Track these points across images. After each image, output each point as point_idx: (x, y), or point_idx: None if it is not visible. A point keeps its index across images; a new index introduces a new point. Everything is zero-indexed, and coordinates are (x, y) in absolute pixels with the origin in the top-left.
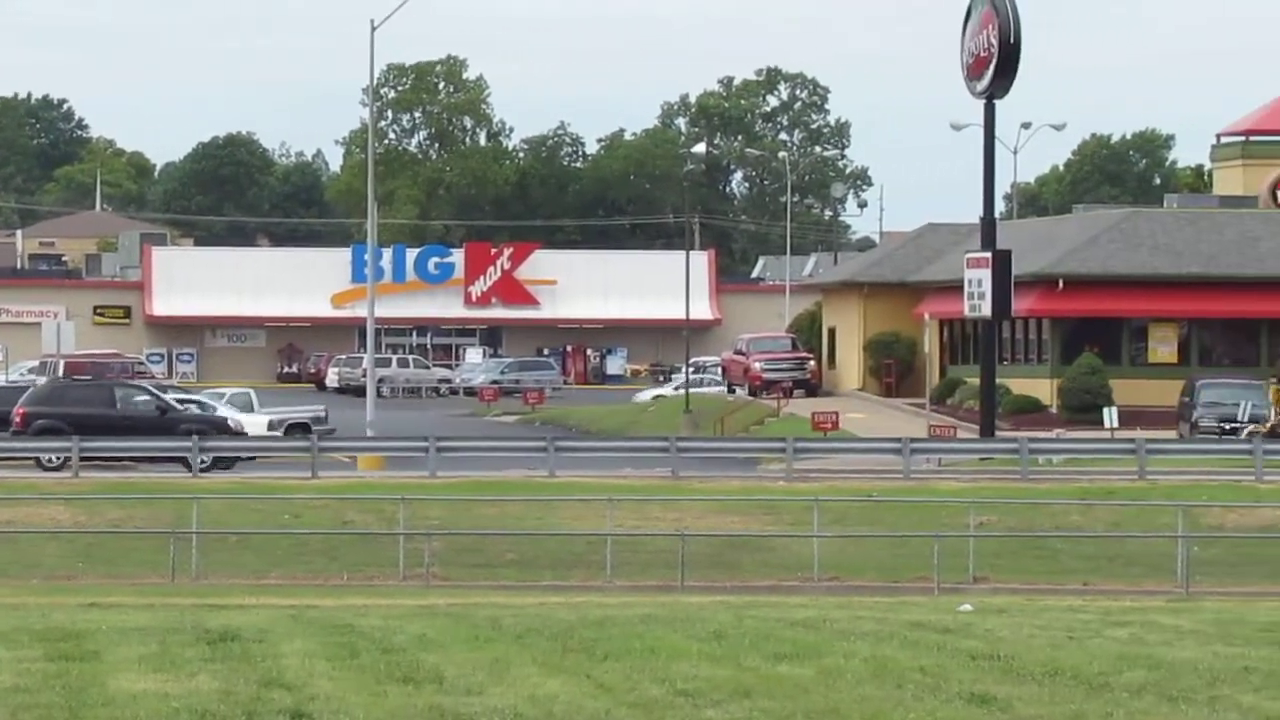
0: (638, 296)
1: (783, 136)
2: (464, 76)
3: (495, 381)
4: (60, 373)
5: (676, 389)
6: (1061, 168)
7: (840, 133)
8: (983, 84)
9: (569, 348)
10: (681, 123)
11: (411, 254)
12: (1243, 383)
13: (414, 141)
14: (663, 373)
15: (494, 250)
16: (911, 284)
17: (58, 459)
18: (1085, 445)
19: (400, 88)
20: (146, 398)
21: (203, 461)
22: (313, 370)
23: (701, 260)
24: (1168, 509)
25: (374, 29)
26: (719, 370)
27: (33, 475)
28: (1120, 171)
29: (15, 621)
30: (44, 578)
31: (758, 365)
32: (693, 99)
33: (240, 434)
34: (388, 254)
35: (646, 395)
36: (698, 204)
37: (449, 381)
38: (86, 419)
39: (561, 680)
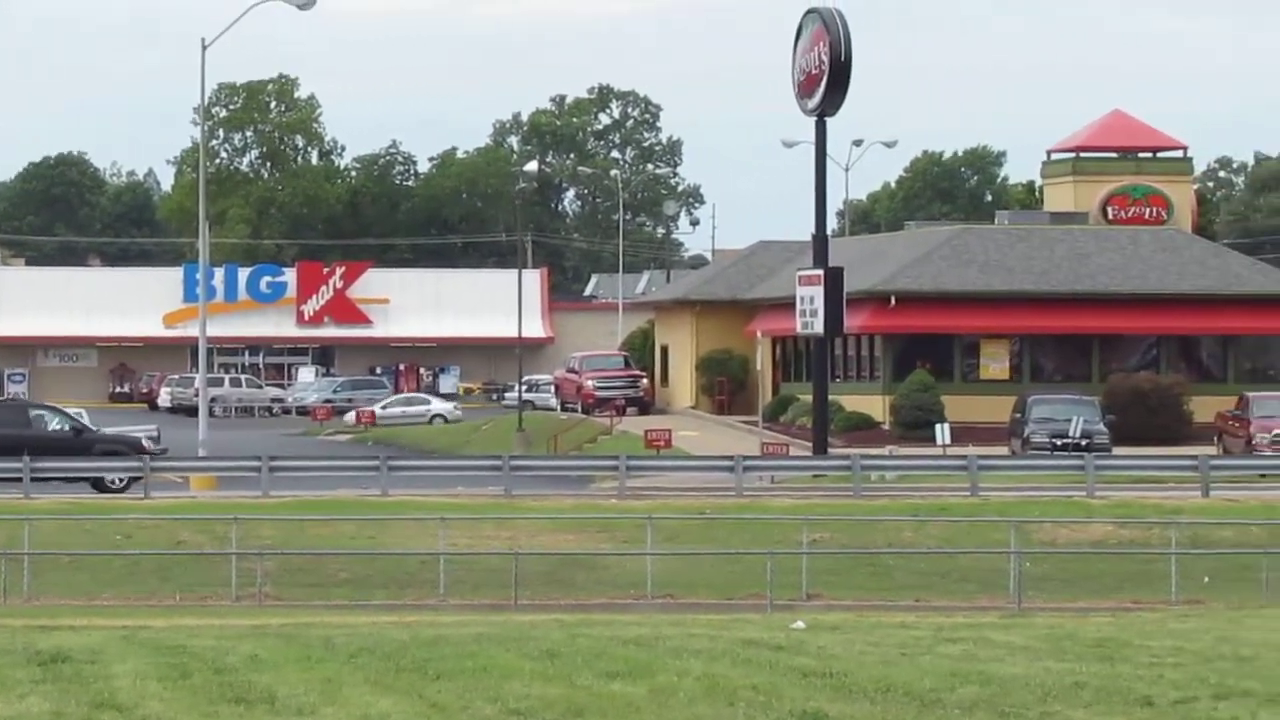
0: (470, 315)
1: (615, 154)
2: (295, 95)
3: (328, 400)
4: None
5: (455, 408)
6: (893, 185)
7: (672, 150)
8: (814, 101)
9: (402, 366)
10: (514, 141)
11: (244, 273)
12: (1074, 398)
13: (245, 160)
14: (496, 391)
15: (326, 269)
16: (744, 301)
17: None
18: (918, 462)
19: (232, 107)
20: (60, 419)
21: (120, 481)
22: (145, 390)
23: (534, 278)
24: (1000, 525)
25: (205, 48)
26: (552, 388)
27: None
28: (952, 188)
29: None
30: None
31: (590, 383)
32: (525, 117)
33: (161, 453)
34: (220, 273)
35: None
36: (530, 222)
37: (281, 401)
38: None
39: (394, 700)
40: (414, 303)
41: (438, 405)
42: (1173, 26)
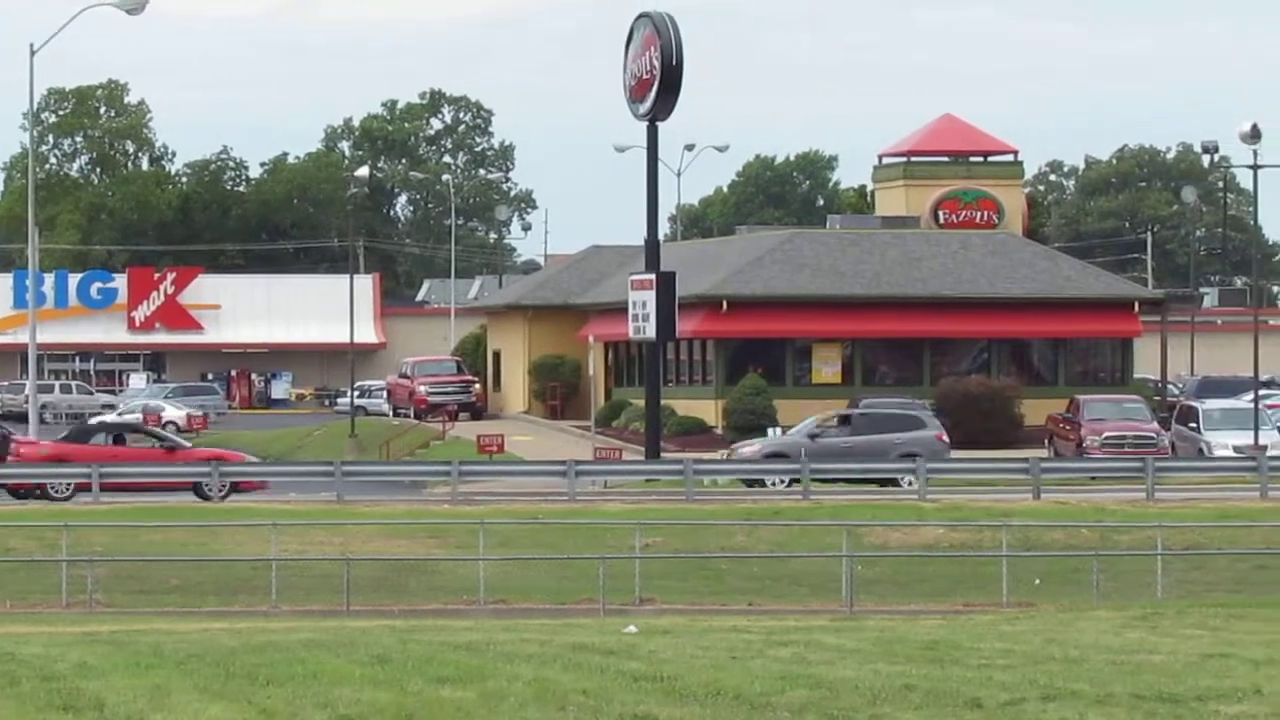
0: (302, 320)
1: (447, 159)
2: (125, 101)
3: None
4: None
5: (193, 414)
6: (725, 189)
7: (504, 155)
8: (645, 106)
9: (233, 372)
10: (345, 146)
11: (74, 279)
12: (906, 402)
13: (75, 166)
14: (328, 397)
15: (157, 275)
16: (576, 306)
17: None
18: (749, 466)
19: (61, 112)
20: None
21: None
22: None
23: (366, 284)
24: (832, 528)
25: (34, 53)
26: (385, 394)
27: None
28: (784, 193)
29: None
30: None
31: (423, 388)
32: (356, 122)
33: None
34: (50, 279)
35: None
36: (362, 228)
37: (113, 407)
38: None
39: (223, 706)
40: (246, 308)
41: (171, 413)
42: (1003, 29)
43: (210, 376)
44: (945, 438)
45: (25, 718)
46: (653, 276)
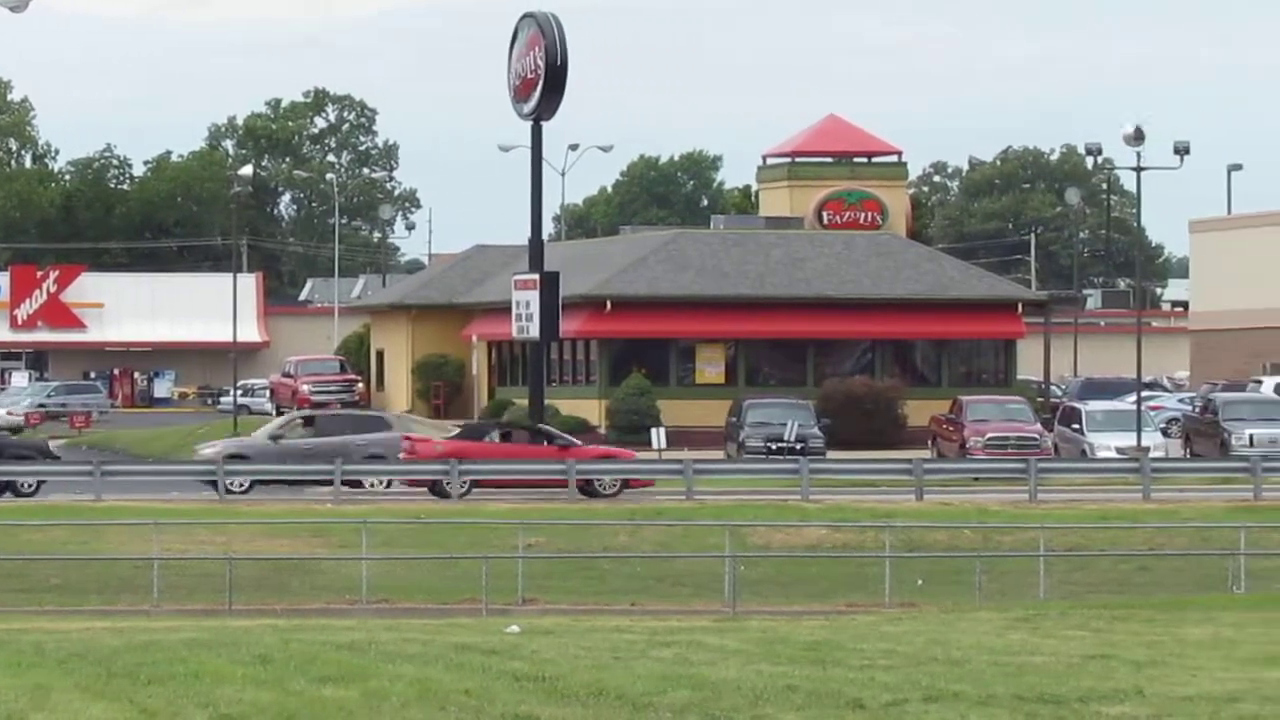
0: (186, 319)
1: (331, 158)
2: (8, 98)
3: (41, 405)
4: None
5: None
6: (609, 189)
7: (388, 154)
8: (530, 106)
9: (116, 371)
10: (229, 145)
11: None
12: (790, 402)
13: None
14: (211, 396)
15: (40, 273)
16: (460, 306)
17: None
18: (633, 466)
19: None
20: None
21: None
22: None
23: (249, 282)
24: (715, 529)
25: None
26: (268, 393)
27: None
28: (668, 193)
29: None
30: None
31: (306, 387)
32: (240, 121)
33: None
34: None
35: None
36: (245, 226)
37: None
38: None
39: (104, 706)
40: (129, 307)
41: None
42: (888, 31)
43: (93, 375)
44: (416, 438)
45: None
46: (536, 276)
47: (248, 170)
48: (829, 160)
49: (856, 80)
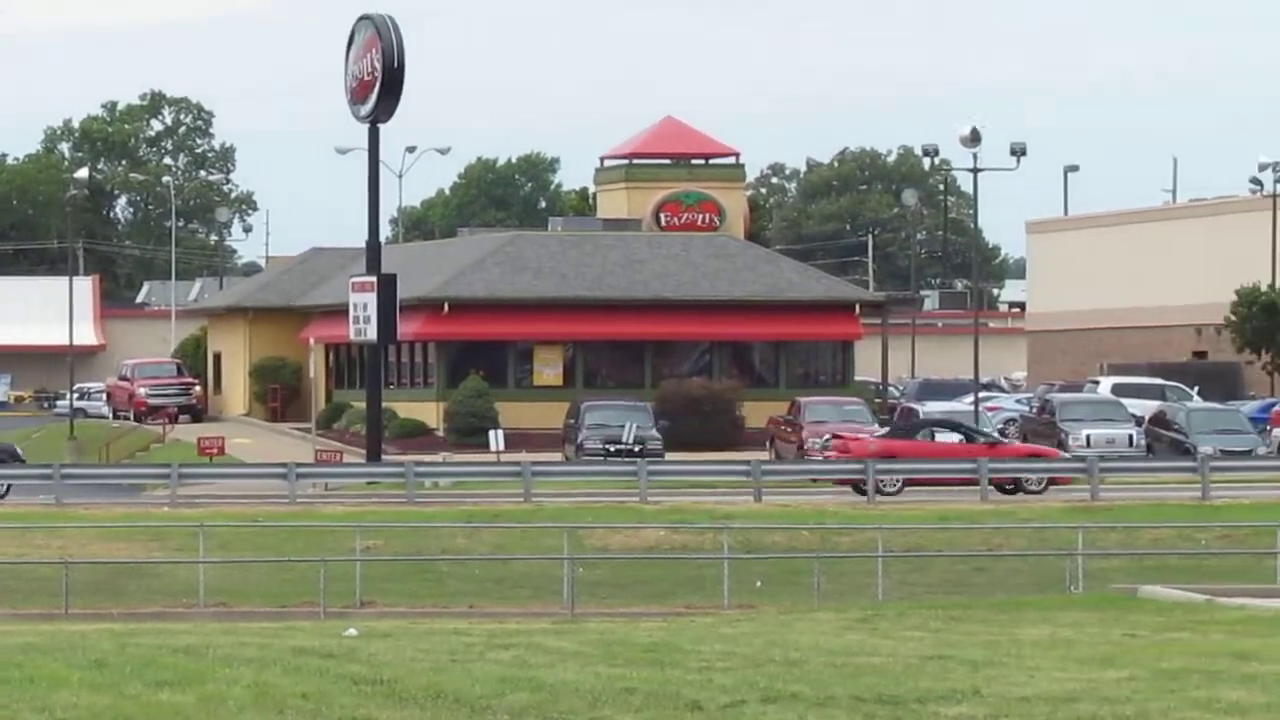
0: (21, 322)
1: (168, 161)
2: None
3: None
4: None
5: None
6: (448, 191)
7: (225, 157)
8: (367, 108)
9: None
10: (65, 147)
11: None
12: (628, 404)
13: None
14: (48, 399)
15: None
16: (297, 308)
17: None
18: (472, 468)
19: None
20: None
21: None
22: None
23: (85, 285)
24: (554, 531)
25: None
26: (104, 396)
27: None
28: (506, 195)
29: None
30: None
31: (142, 391)
32: (76, 123)
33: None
34: None
35: None
36: (81, 229)
37: None
38: None
39: None
40: None
41: None
42: (725, 32)
43: None
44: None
45: None
46: (374, 279)
47: (84, 173)
48: (666, 162)
49: (694, 82)
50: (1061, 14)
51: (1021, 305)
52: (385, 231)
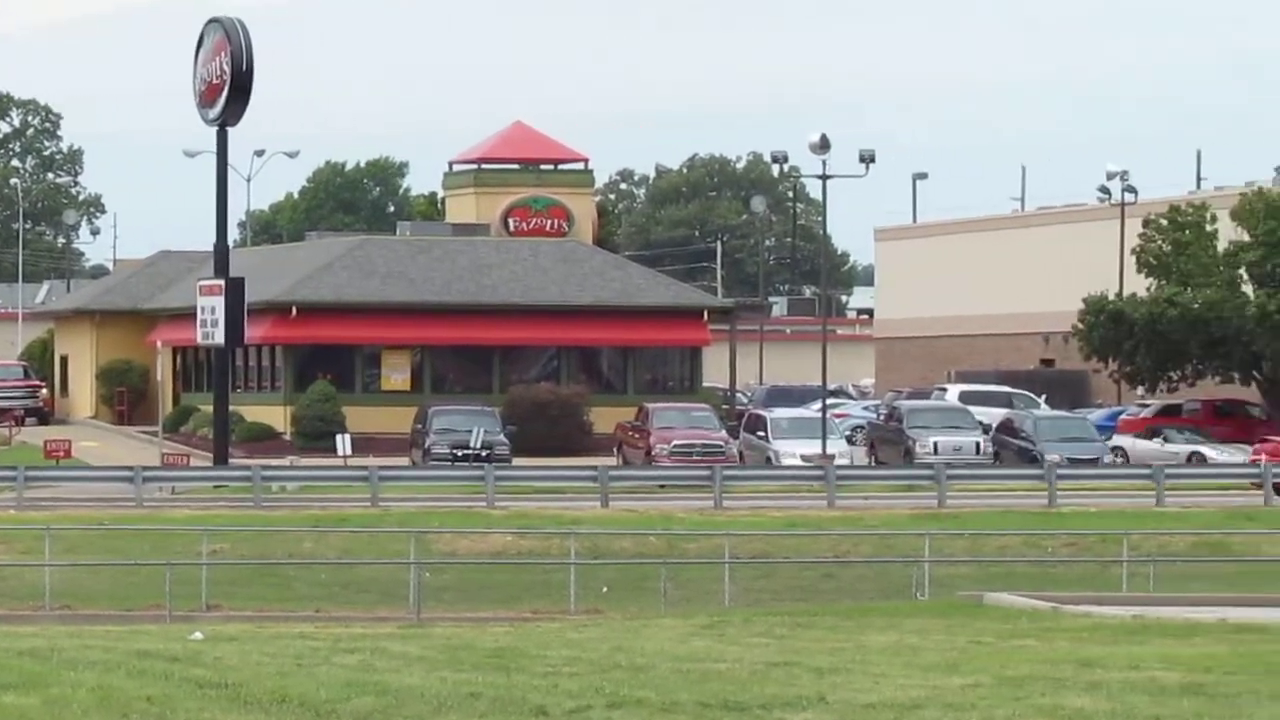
0: None
1: (15, 163)
2: None
3: None
4: None
5: None
6: (296, 195)
7: (73, 159)
8: (215, 111)
9: None
10: None
11: None
12: (475, 409)
13: None
14: None
15: None
16: (145, 311)
17: None
18: (319, 472)
19: None
20: None
21: None
22: None
23: None
24: (400, 536)
25: None
26: None
27: None
28: (355, 199)
29: None
30: None
31: None
32: None
33: None
34: None
35: None
36: None
37: None
38: None
39: None
40: None
41: None
42: (574, 37)
43: None
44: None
45: None
46: (222, 282)
47: None
48: (515, 167)
49: (544, 88)
50: (908, 21)
51: (870, 312)
52: (233, 235)
